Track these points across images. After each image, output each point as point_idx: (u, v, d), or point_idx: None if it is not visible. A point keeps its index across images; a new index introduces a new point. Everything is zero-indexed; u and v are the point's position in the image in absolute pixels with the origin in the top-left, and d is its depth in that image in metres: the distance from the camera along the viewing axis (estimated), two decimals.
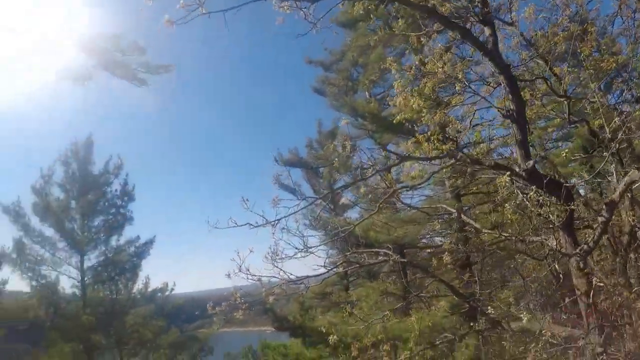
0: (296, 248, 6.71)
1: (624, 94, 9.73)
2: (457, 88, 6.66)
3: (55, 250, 16.31)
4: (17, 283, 15.75)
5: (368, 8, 6.70)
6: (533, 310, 7.70)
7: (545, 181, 5.04)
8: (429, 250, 13.56)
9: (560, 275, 5.61)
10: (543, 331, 5.23)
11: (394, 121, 10.42)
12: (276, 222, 5.96)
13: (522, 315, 5.36)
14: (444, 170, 8.14)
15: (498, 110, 6.32)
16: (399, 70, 7.69)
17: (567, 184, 5.39)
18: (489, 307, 6.67)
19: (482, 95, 6.64)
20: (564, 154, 9.52)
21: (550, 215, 5.01)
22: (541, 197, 5.09)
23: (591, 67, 6.96)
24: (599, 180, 7.88)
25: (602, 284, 5.13)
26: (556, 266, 5.84)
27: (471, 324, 8.22)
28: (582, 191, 8.77)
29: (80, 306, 15.97)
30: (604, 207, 5.13)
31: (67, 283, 17.17)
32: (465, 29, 5.63)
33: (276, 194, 5.86)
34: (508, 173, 5.02)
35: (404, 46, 14.74)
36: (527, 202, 5.14)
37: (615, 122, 5.57)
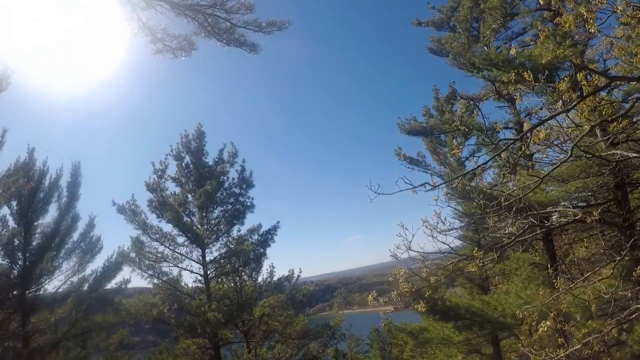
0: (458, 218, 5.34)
1: None
2: None
3: (175, 246, 15.92)
4: (139, 282, 15.66)
5: None
6: None
7: None
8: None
9: None
10: None
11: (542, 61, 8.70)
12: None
13: None
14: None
15: None
16: None
17: None
18: None
19: None
20: None
21: None
22: None
23: None
24: None
25: None
26: None
27: None
28: None
29: (204, 301, 15.56)
30: None
31: (190, 278, 17.03)
32: None
33: (399, 166, 4.41)
34: None
35: None
36: None
37: None
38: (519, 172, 10.87)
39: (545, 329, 9.02)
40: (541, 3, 14.45)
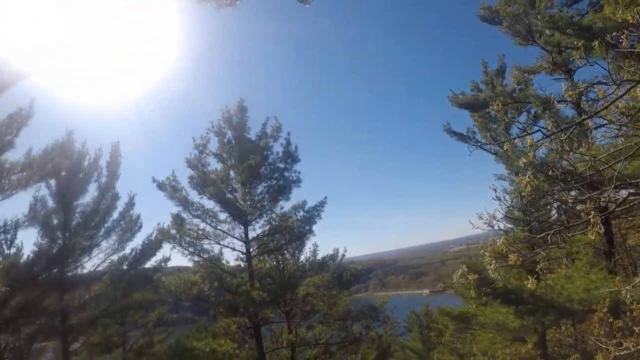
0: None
1: None
2: None
3: (217, 223, 15.42)
4: (179, 260, 15.39)
5: None
6: None
7: None
8: None
9: None
10: None
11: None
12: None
13: None
14: None
15: None
16: None
17: None
18: None
19: None
20: None
21: None
22: None
23: None
24: None
25: None
26: None
27: None
28: None
29: (246, 279, 15.17)
30: None
31: (231, 256, 16.57)
32: None
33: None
34: None
35: None
36: None
37: None
38: (587, 143, 9.99)
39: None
40: None
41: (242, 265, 16.08)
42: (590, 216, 4.05)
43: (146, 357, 14.87)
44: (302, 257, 17.18)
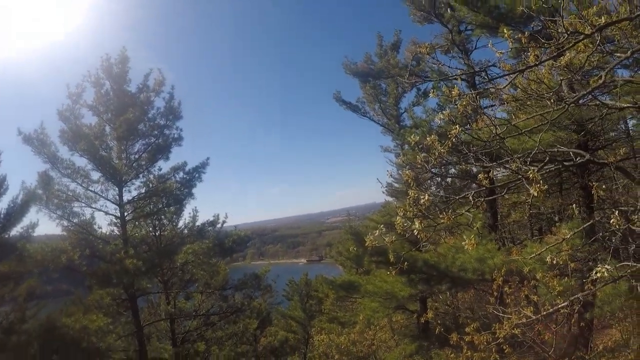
0: None
1: None
2: None
3: (89, 184, 13.84)
4: (46, 225, 13.57)
5: None
6: None
7: None
8: None
9: None
10: None
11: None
12: None
13: None
14: None
15: None
16: None
17: None
18: None
19: None
20: None
21: None
22: None
23: None
24: None
25: None
26: None
27: None
28: None
29: (120, 246, 13.84)
30: None
31: (104, 221, 14.87)
32: None
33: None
34: None
35: None
36: None
37: None
38: (481, 119, 10.22)
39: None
40: None
41: (117, 232, 14.68)
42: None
43: (17, 334, 13.01)
44: (181, 223, 16.14)
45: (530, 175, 3.84)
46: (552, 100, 4.94)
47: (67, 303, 13.94)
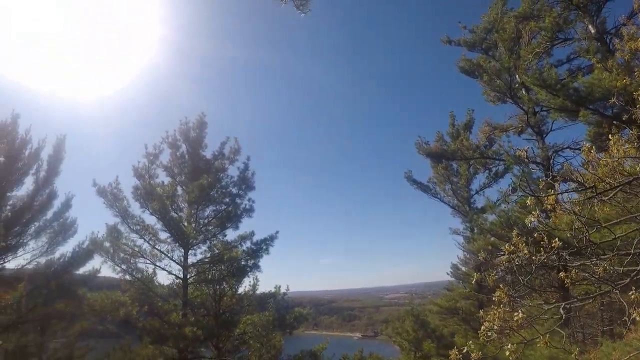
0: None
1: None
2: None
3: (156, 242, 14.05)
4: (110, 272, 13.94)
5: None
6: None
7: None
8: None
9: None
10: None
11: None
12: None
13: None
14: None
15: None
16: None
17: None
18: None
19: None
20: None
21: None
22: None
23: None
24: None
25: None
26: None
27: None
28: None
29: (179, 307, 13.81)
30: None
31: (166, 280, 14.92)
32: None
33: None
34: None
35: None
36: None
37: None
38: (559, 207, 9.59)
39: None
40: (593, 31, 13.42)
41: (176, 291, 14.66)
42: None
43: None
44: (241, 289, 15.72)
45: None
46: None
47: (116, 348, 13.97)
